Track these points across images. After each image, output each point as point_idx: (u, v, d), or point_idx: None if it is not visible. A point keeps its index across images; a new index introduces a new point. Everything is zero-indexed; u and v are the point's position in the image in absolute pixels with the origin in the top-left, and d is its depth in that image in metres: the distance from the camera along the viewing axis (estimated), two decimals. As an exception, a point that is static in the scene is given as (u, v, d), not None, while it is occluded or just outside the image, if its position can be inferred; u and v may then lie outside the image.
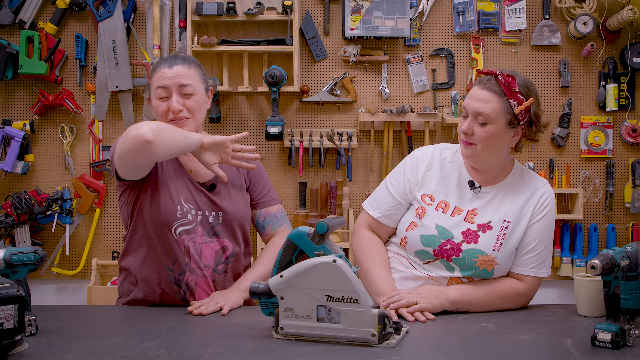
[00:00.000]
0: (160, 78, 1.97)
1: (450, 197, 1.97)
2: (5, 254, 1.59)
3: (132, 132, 1.78)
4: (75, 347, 1.48)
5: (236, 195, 2.08)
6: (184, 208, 1.96)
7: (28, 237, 3.29)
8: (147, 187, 1.96)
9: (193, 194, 1.99)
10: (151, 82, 2.02)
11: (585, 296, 1.82)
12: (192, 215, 1.96)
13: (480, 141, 1.87)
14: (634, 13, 3.16)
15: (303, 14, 3.37)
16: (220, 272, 2.02)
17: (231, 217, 2.03)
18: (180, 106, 1.94)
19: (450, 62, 3.41)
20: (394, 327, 1.54)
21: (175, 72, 1.96)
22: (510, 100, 1.84)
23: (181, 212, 1.95)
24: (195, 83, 1.99)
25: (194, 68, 2.01)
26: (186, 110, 1.96)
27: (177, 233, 1.95)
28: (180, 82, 1.95)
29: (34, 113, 3.36)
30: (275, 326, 1.55)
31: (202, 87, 2.01)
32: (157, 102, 1.98)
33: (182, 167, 2.03)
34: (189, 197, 1.98)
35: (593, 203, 3.43)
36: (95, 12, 3.26)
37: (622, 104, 3.39)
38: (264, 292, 1.55)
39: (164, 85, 1.95)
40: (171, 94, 1.95)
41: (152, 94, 2.01)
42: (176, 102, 1.94)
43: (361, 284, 1.50)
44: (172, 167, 2.01)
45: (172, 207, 1.94)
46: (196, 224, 1.97)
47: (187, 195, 1.98)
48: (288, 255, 1.65)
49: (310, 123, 3.43)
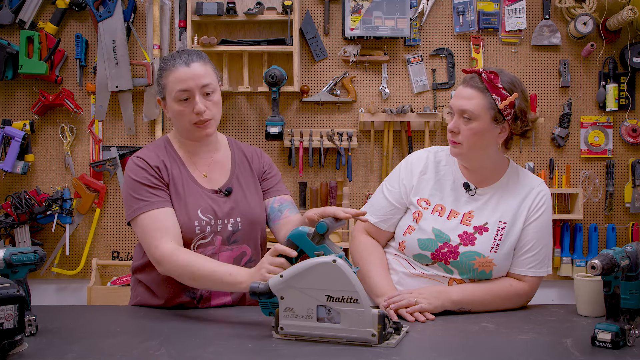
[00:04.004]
0: (179, 80, 1.89)
1: (445, 201, 1.97)
2: (5, 254, 1.59)
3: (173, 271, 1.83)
4: (75, 347, 1.48)
5: (252, 197, 2.03)
6: (202, 222, 1.91)
7: (28, 237, 3.29)
8: None
9: (210, 204, 1.94)
10: (166, 83, 1.92)
11: (585, 296, 1.82)
12: (212, 226, 1.93)
13: (465, 140, 1.87)
14: (634, 13, 3.16)
15: (303, 14, 3.37)
16: None
17: (250, 220, 1.99)
18: (204, 107, 1.90)
19: (450, 62, 3.41)
20: (394, 327, 1.54)
21: (194, 72, 1.89)
22: (494, 96, 1.85)
23: (199, 227, 1.91)
24: (213, 80, 1.94)
25: (208, 63, 1.96)
26: (209, 111, 1.91)
27: (196, 247, 1.92)
28: (202, 82, 1.89)
29: (34, 113, 3.36)
30: (275, 326, 1.55)
31: (217, 82, 1.97)
32: (178, 105, 1.90)
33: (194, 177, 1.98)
34: (207, 207, 1.93)
35: (593, 203, 3.43)
36: (95, 12, 3.26)
37: (622, 104, 3.39)
38: (264, 292, 1.55)
39: (185, 88, 1.88)
40: (193, 96, 1.89)
41: (169, 96, 1.92)
42: (201, 104, 1.89)
43: (361, 285, 1.50)
44: (184, 180, 1.96)
45: (190, 224, 1.90)
46: (215, 234, 1.93)
47: (204, 206, 1.93)
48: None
49: (310, 123, 3.43)
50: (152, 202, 1.87)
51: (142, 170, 1.91)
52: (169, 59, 1.94)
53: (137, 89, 3.37)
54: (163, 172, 1.93)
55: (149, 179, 1.90)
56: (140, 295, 2.00)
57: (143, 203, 1.87)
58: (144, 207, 1.87)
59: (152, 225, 1.85)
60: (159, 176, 1.92)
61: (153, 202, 1.88)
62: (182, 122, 1.93)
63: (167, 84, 1.92)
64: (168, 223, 1.86)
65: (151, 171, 1.91)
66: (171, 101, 1.92)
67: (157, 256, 1.82)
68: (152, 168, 1.92)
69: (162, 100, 1.98)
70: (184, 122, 1.92)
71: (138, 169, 1.92)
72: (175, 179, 1.94)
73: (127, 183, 1.92)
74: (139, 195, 1.88)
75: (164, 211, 1.88)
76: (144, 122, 3.40)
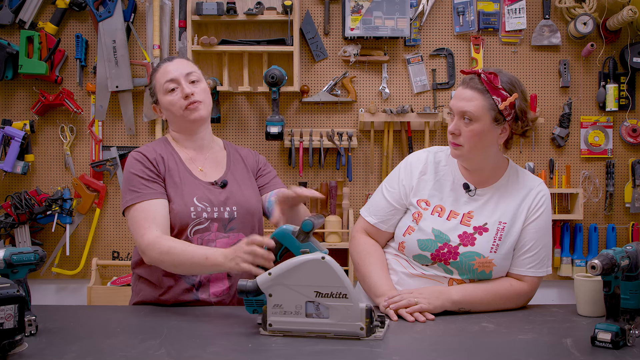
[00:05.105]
0: (165, 73, 2.04)
1: (445, 201, 1.97)
2: (5, 254, 1.59)
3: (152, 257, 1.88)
4: (75, 347, 1.48)
5: (247, 190, 2.10)
6: (197, 208, 1.97)
7: (28, 237, 3.29)
8: None
9: (206, 193, 2.01)
10: (155, 83, 2.07)
11: (585, 296, 1.82)
12: (208, 213, 1.98)
13: (466, 141, 1.87)
14: (634, 13, 3.16)
15: (303, 14, 3.37)
16: None
17: (246, 209, 2.04)
18: (191, 90, 2.02)
19: (450, 62, 3.41)
20: (380, 321, 1.60)
21: (177, 64, 2.05)
22: (494, 97, 1.85)
23: (195, 213, 1.97)
24: (197, 72, 2.08)
25: (192, 63, 2.12)
26: (197, 95, 2.03)
27: (192, 233, 1.97)
28: (185, 71, 2.04)
29: (34, 113, 3.36)
30: (263, 323, 1.58)
31: (202, 77, 2.10)
32: (168, 96, 2.03)
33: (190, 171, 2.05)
34: (203, 196, 2.00)
35: (593, 203, 3.43)
36: (95, 12, 3.26)
37: (622, 104, 3.39)
38: (252, 289, 1.58)
39: (171, 78, 2.02)
40: (180, 84, 2.02)
41: (159, 92, 2.06)
42: (187, 88, 2.01)
43: (349, 280, 1.54)
44: (180, 172, 2.03)
45: (186, 210, 1.96)
46: (211, 221, 1.99)
47: (200, 194, 2.00)
48: (273, 253, 1.66)
49: (310, 123, 3.43)
50: (143, 194, 1.95)
51: (138, 163, 2.00)
52: (156, 65, 2.12)
53: (137, 89, 3.37)
54: (160, 165, 2.01)
55: (144, 171, 1.98)
56: (142, 291, 2.03)
57: (136, 194, 1.95)
58: (136, 199, 1.94)
59: (140, 216, 1.92)
60: (155, 168, 2.00)
61: (144, 194, 1.95)
62: (174, 111, 2.04)
63: (157, 83, 2.06)
64: (157, 214, 1.92)
65: (147, 163, 1.99)
66: (162, 96, 2.05)
67: (143, 245, 1.89)
68: (149, 160, 2.00)
69: (156, 105, 2.11)
70: (176, 110, 2.03)
71: (134, 162, 2.00)
72: (171, 171, 2.02)
73: (124, 176, 2.02)
74: (132, 187, 1.96)
75: (155, 202, 1.94)
76: (144, 122, 3.40)
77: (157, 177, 1.99)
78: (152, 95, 2.11)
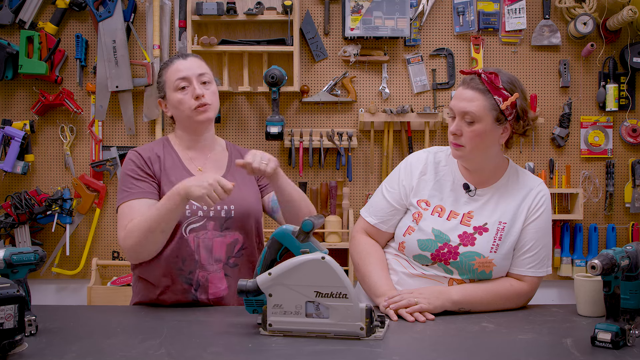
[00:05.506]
0: (177, 70, 2.03)
1: (445, 201, 1.97)
2: (5, 254, 1.59)
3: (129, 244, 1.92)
4: (75, 347, 1.48)
5: (246, 189, 2.10)
6: (192, 205, 1.98)
7: (28, 237, 3.29)
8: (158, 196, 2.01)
9: None
10: (166, 79, 2.06)
11: (585, 296, 1.82)
12: (204, 211, 1.99)
13: (468, 142, 1.87)
14: (634, 13, 3.16)
15: (303, 14, 3.37)
16: (232, 266, 2.02)
17: (243, 209, 2.04)
18: (202, 92, 2.02)
19: (450, 62, 3.41)
20: (380, 321, 1.60)
21: (190, 63, 2.05)
22: (495, 97, 1.84)
23: (190, 211, 1.97)
24: (209, 73, 2.09)
25: (204, 62, 2.11)
26: (207, 97, 2.03)
27: (187, 231, 1.97)
28: (198, 71, 2.04)
29: (34, 113, 3.36)
30: (263, 323, 1.58)
31: (213, 78, 2.11)
32: (178, 94, 2.02)
33: (189, 170, 2.06)
34: None
35: (593, 203, 3.43)
36: (95, 12, 3.26)
37: (622, 104, 3.39)
38: (252, 289, 1.58)
39: (183, 76, 2.02)
40: (191, 83, 2.02)
41: (169, 88, 2.05)
42: (199, 89, 2.01)
43: (349, 280, 1.53)
44: (177, 171, 2.03)
45: None
46: (207, 219, 1.99)
47: None
48: (272, 253, 1.67)
49: (310, 123, 3.43)
50: (131, 193, 1.97)
51: (131, 162, 2.02)
52: (167, 60, 2.09)
53: (137, 89, 3.37)
54: (154, 164, 2.02)
55: (135, 170, 2.00)
56: (141, 291, 2.04)
57: (125, 194, 1.98)
58: (125, 198, 1.97)
59: (126, 213, 1.95)
60: (148, 167, 2.01)
61: (133, 193, 1.97)
62: (182, 110, 2.03)
63: (167, 79, 2.05)
64: (139, 212, 1.93)
65: (140, 162, 2.01)
66: (171, 93, 2.04)
67: (120, 241, 1.93)
68: (143, 159, 2.02)
69: (162, 100, 2.09)
70: (184, 109, 2.03)
71: (128, 161, 2.03)
72: (168, 170, 2.03)
73: (120, 176, 2.06)
74: (124, 186, 1.99)
75: (141, 201, 1.96)
76: (144, 122, 3.40)
77: (148, 176, 2.00)
78: (159, 90, 2.10)
